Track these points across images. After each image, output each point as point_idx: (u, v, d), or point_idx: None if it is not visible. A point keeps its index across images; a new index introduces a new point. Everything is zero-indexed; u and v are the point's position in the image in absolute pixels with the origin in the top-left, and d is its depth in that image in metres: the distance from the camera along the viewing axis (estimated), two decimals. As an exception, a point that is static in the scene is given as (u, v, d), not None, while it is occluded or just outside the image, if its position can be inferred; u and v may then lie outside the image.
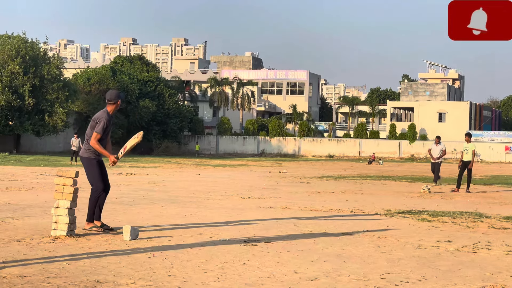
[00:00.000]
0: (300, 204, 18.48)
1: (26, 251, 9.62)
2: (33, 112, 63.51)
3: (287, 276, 8.45)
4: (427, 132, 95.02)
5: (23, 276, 7.94)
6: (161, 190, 23.03)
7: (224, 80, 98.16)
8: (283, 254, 10.11)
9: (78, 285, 7.59)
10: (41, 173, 32.04)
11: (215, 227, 12.98)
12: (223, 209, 16.66)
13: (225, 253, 10.02)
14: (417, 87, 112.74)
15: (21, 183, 24.29)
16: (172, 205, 17.27)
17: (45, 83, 63.72)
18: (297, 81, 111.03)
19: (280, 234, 12.14)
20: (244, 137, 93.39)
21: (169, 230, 12.34)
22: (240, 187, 25.67)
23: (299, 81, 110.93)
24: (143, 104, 79.98)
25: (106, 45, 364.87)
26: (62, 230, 10.99)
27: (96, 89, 77.21)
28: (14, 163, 43.73)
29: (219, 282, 8.01)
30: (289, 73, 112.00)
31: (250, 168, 47.87)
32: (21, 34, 65.15)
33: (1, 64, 62.32)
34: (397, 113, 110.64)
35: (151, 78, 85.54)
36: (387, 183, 30.72)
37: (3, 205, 16.13)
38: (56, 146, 71.42)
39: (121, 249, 10.08)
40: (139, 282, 7.85)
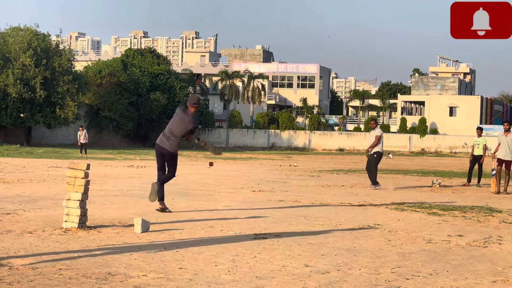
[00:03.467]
0: (310, 198, 18.48)
1: (38, 243, 9.66)
2: (44, 104, 63.60)
3: (297, 270, 8.46)
4: (438, 126, 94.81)
5: (35, 267, 7.97)
6: (172, 183, 22.97)
7: (235, 73, 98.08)
8: (294, 247, 10.11)
9: (90, 277, 7.61)
10: (52, 165, 32.12)
11: (226, 220, 12.99)
12: (233, 202, 16.67)
13: (236, 246, 10.03)
14: (428, 81, 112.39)
15: (32, 175, 24.36)
16: (183, 198, 17.29)
17: (56, 75, 63.79)
18: (307, 74, 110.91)
19: (290, 228, 12.15)
20: (254, 130, 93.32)
21: (180, 223, 12.36)
22: (251, 180, 25.67)
23: (310, 74, 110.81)
24: (154, 97, 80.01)
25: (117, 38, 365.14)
26: (74, 222, 11.02)
27: (107, 81, 77.25)
28: (25, 155, 43.84)
29: (230, 275, 8.02)
30: (300, 67, 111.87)
31: (260, 161, 47.87)
32: (33, 27, 65.26)
33: (13, 57, 62.42)
34: (408, 107, 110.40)
35: (162, 71, 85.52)
36: (397, 177, 30.67)
37: (15, 197, 16.18)
38: (67, 139, 71.52)
39: (132, 242, 10.11)
40: (150, 274, 7.87)
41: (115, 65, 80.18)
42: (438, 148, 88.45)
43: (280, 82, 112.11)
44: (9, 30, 65.43)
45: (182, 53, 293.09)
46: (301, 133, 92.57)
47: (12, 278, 7.37)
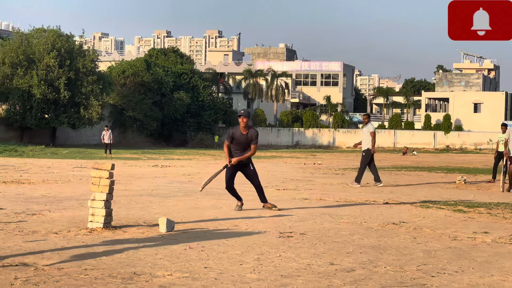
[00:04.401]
0: (335, 196, 18.44)
1: (64, 243, 9.70)
2: (69, 105, 63.88)
3: (323, 268, 8.44)
4: (462, 123, 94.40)
5: (61, 268, 8.00)
6: (196, 182, 23.07)
7: (258, 71, 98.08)
8: (319, 245, 10.09)
9: (115, 277, 7.63)
10: (77, 165, 32.25)
11: (251, 218, 12.99)
12: (258, 201, 16.65)
13: (260, 244, 10.02)
14: (452, 77, 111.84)
15: (57, 176, 24.47)
16: (207, 197, 17.30)
17: (80, 76, 64.04)
18: (331, 72, 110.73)
19: (315, 226, 12.12)
20: (278, 129, 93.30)
21: (205, 222, 12.38)
22: (275, 178, 25.64)
23: (333, 72, 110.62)
24: (177, 96, 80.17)
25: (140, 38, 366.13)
26: (99, 222, 11.06)
27: (131, 81, 77.50)
28: (50, 155, 44.07)
29: (255, 273, 8.02)
30: (323, 65, 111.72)
31: (284, 159, 47.83)
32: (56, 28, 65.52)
33: (37, 58, 62.73)
34: (432, 104, 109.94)
35: (185, 70, 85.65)
36: (422, 174, 30.54)
37: (40, 197, 16.27)
38: (91, 139, 71.81)
39: (157, 241, 10.12)
40: (176, 274, 7.88)
41: (139, 65, 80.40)
42: (463, 144, 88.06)
43: (303, 80, 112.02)
44: (33, 31, 65.77)
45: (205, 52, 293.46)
46: (325, 131, 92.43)
47: (38, 279, 7.40)
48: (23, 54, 62.50)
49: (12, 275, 7.54)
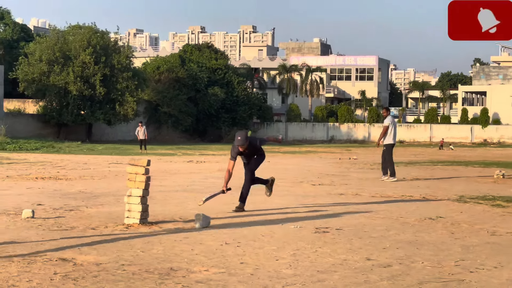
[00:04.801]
0: (371, 191, 18.38)
1: (101, 239, 9.76)
2: (104, 101, 64.21)
3: (359, 263, 8.42)
4: (500, 116, 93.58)
5: (99, 263, 8.06)
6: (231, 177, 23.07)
7: (293, 66, 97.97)
8: (355, 241, 10.07)
9: (152, 272, 7.67)
10: (113, 161, 32.44)
11: (286, 214, 13.00)
12: (293, 196, 16.67)
13: (296, 240, 10.02)
14: (489, 70, 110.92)
15: (93, 172, 24.64)
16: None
17: (115, 72, 64.34)
18: (366, 66, 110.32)
19: (351, 221, 12.10)
20: (313, 124, 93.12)
21: (240, 217, 12.40)
22: (310, 174, 25.62)
23: (368, 66, 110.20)
24: (212, 91, 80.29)
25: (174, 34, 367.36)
26: (135, 218, 11.12)
27: (166, 77, 77.71)
28: (87, 151, 44.35)
29: (291, 269, 8.01)
30: (358, 59, 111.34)
31: (319, 154, 47.76)
32: (91, 25, 65.92)
33: (73, 55, 63.13)
34: (469, 98, 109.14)
35: (220, 65, 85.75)
36: (459, 168, 30.34)
37: (77, 193, 16.39)
38: (127, 135, 72.12)
39: (194, 237, 10.15)
40: (212, 269, 7.90)
41: (173, 61, 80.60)
42: (501, 138, 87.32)
43: (338, 75, 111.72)
44: (69, 28, 66.20)
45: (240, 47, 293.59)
46: (360, 125, 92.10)
47: (77, 274, 7.46)
48: (59, 51, 62.94)
49: (52, 270, 7.61)
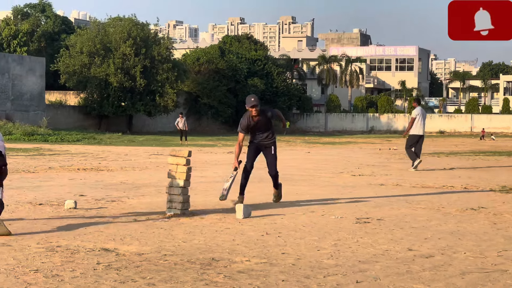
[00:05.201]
0: (411, 181, 18.30)
1: (143, 230, 9.83)
2: (145, 92, 64.51)
3: (401, 254, 8.39)
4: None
5: (141, 253, 8.12)
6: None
7: (332, 57, 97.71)
8: (396, 231, 10.04)
9: (194, 262, 7.70)
10: (153, 152, 32.60)
11: (327, 204, 12.98)
12: (334, 187, 16.65)
13: (337, 230, 10.01)
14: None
15: (134, 163, 24.79)
16: (283, 183, 17.27)
17: (155, 64, 64.61)
18: (406, 56, 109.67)
19: (392, 212, 12.06)
20: (353, 114, 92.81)
21: (281, 208, 12.41)
22: (350, 164, 25.57)
23: (408, 56, 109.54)
24: (251, 82, 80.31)
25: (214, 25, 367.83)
26: (177, 209, 11.18)
27: (205, 69, 77.88)
28: (127, 143, 44.63)
29: (333, 259, 8.01)
30: (398, 49, 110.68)
31: (359, 145, 47.62)
32: (131, 17, 66.23)
33: (113, 46, 63.49)
34: (511, 87, 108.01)
35: (259, 56, 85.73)
36: (501, 159, 30.07)
37: (119, 184, 16.50)
38: (167, 126, 72.41)
39: (235, 227, 10.19)
40: (254, 259, 7.92)
41: (213, 52, 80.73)
42: None
43: (378, 65, 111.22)
44: (110, 20, 66.58)
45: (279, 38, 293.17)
46: (400, 116, 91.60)
47: (120, 264, 7.52)
48: (100, 43, 63.35)
49: (95, 260, 7.68)
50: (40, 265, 7.42)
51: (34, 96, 57.59)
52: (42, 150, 32.38)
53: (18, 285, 6.56)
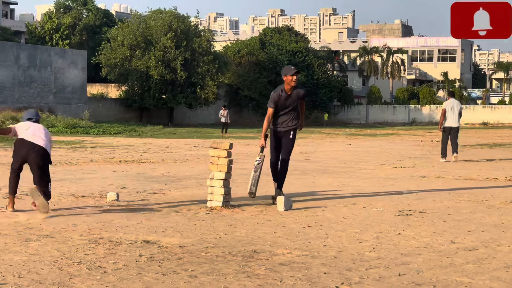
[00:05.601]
0: (454, 173, 18.15)
1: (184, 222, 9.86)
2: (185, 85, 64.73)
3: (444, 246, 8.32)
4: None
5: (183, 245, 8.14)
6: (313, 160, 23.10)
7: (373, 49, 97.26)
8: (439, 224, 9.96)
9: (236, 254, 7.71)
10: (194, 145, 32.69)
11: (368, 197, 12.92)
12: (375, 179, 16.57)
13: (379, 223, 9.96)
14: None
15: (176, 155, 24.87)
16: (324, 175, 17.29)
17: (196, 56, 64.80)
18: (448, 47, 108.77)
19: (435, 204, 11.97)
20: (394, 106, 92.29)
21: (322, 200, 12.38)
22: (392, 156, 25.44)
23: (451, 47, 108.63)
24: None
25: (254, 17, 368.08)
26: (218, 201, 11.19)
27: (246, 61, 77.94)
28: (168, 135, 44.82)
29: (375, 252, 7.97)
30: (440, 40, 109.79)
31: (401, 137, 47.35)
32: (172, 9, 66.45)
33: (154, 39, 63.77)
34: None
35: (300, 48, 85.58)
36: (544, 150, 29.72)
37: (160, 176, 16.57)
38: (208, 118, 72.65)
39: (276, 220, 10.18)
40: (295, 252, 7.91)
41: (253, 44, 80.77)
42: None
43: (419, 56, 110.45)
44: (150, 13, 66.87)
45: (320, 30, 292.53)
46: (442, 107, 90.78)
47: (162, 256, 7.55)
48: (141, 35, 63.69)
49: (137, 252, 7.72)
50: (83, 257, 7.47)
51: (76, 89, 58.06)
52: (84, 142, 32.63)
53: (62, 276, 6.62)
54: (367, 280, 6.67)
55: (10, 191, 10.67)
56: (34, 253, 7.62)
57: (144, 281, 6.49)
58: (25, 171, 10.84)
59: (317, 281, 6.63)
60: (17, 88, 53.23)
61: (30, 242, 8.22)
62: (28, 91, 53.85)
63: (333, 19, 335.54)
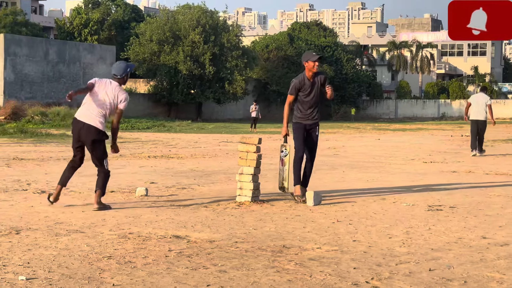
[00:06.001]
0: (484, 168, 18.03)
1: (214, 217, 9.85)
2: (214, 80, 64.83)
3: (474, 242, 8.26)
4: None
5: (212, 241, 8.14)
6: (342, 155, 23.04)
7: (403, 43, 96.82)
8: (469, 219, 9.89)
9: (265, 249, 7.69)
10: (223, 140, 32.72)
11: (398, 192, 12.86)
12: (405, 174, 16.49)
13: (409, 218, 9.91)
14: None
15: (204, 150, 24.91)
16: (353, 170, 17.23)
17: (224, 51, 64.88)
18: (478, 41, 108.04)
19: (465, 199, 11.88)
20: (423, 101, 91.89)
21: (352, 195, 12.33)
22: (421, 151, 25.31)
23: (481, 41, 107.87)
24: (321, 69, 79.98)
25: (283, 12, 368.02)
26: (247, 196, 11.18)
27: (274, 56, 77.91)
28: (197, 130, 44.90)
29: (405, 247, 7.92)
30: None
31: (430, 132, 47.12)
32: (201, 4, 66.57)
33: (182, 34, 63.91)
34: None
35: (329, 43, 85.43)
36: None
37: (189, 172, 16.59)
38: (236, 113, 72.73)
39: (305, 215, 10.15)
40: (325, 247, 7.88)
41: (282, 39, 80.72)
42: None
43: (449, 50, 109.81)
44: (179, 8, 67.03)
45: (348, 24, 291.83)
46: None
47: (191, 251, 7.55)
48: (169, 31, 63.86)
49: (166, 247, 7.73)
50: (113, 251, 7.49)
51: (105, 84, 58.28)
52: (113, 137, 32.73)
53: (92, 271, 6.64)
54: (397, 276, 6.63)
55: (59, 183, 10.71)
56: (64, 247, 7.65)
57: (174, 276, 6.49)
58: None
59: (347, 276, 6.61)
60: (46, 83, 53.57)
61: (60, 236, 8.26)
62: (57, 86, 54.17)
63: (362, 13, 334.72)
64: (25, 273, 6.50)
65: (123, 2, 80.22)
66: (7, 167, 16.92)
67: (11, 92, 50.83)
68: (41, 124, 41.48)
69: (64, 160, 18.78)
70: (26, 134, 32.21)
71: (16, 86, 51.47)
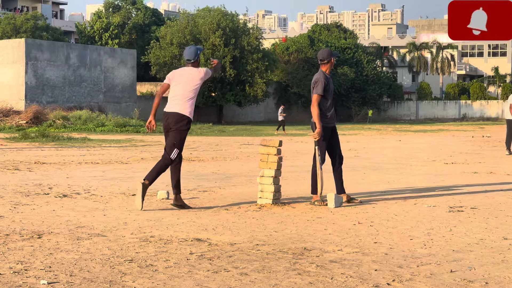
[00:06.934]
0: (506, 169, 17.96)
1: (235, 219, 9.87)
2: (234, 83, 64.92)
3: (496, 243, 8.23)
4: None
5: (233, 243, 8.15)
6: (362, 157, 23.00)
7: (423, 44, 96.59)
8: (491, 220, 9.86)
9: (286, 252, 7.70)
10: (244, 142, 32.75)
11: (419, 193, 12.83)
12: (426, 175, 16.45)
13: (430, 219, 9.89)
14: None
15: (225, 153, 24.93)
16: (374, 172, 17.21)
17: (245, 54, 64.94)
18: (499, 42, 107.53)
19: (486, 200, 11.84)
20: (444, 102, 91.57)
21: (373, 196, 12.32)
22: (443, 152, 25.24)
23: (501, 42, 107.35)
24: (341, 71, 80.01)
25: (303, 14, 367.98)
26: (268, 199, 11.18)
27: (295, 58, 77.90)
28: (218, 133, 44.96)
29: (426, 248, 7.91)
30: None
31: (451, 133, 46.97)
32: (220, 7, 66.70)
33: (203, 37, 64.04)
34: None
35: (349, 45, 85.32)
36: None
37: (210, 174, 16.62)
38: (257, 116, 72.75)
39: (326, 217, 10.15)
40: (346, 249, 7.88)
41: (302, 41, 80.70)
42: None
43: (470, 51, 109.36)
44: (199, 11, 67.18)
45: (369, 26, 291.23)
46: (493, 103, 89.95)
47: (212, 254, 7.57)
48: (189, 34, 64.01)
49: (188, 250, 7.75)
50: (134, 255, 7.52)
51: (125, 88, 58.53)
52: (134, 141, 32.87)
53: (113, 275, 6.67)
54: (419, 277, 6.62)
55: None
56: (85, 251, 7.69)
57: (195, 279, 6.51)
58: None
59: (368, 278, 6.60)
60: (68, 87, 53.83)
61: (81, 240, 8.30)
62: (79, 90, 54.43)
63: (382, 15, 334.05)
64: (46, 277, 6.53)
65: (144, 6, 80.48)
66: (29, 171, 17.00)
67: (33, 97, 51.14)
68: (62, 128, 41.74)
69: (85, 164, 18.87)
70: (48, 138, 32.34)
71: (37, 90, 51.77)
